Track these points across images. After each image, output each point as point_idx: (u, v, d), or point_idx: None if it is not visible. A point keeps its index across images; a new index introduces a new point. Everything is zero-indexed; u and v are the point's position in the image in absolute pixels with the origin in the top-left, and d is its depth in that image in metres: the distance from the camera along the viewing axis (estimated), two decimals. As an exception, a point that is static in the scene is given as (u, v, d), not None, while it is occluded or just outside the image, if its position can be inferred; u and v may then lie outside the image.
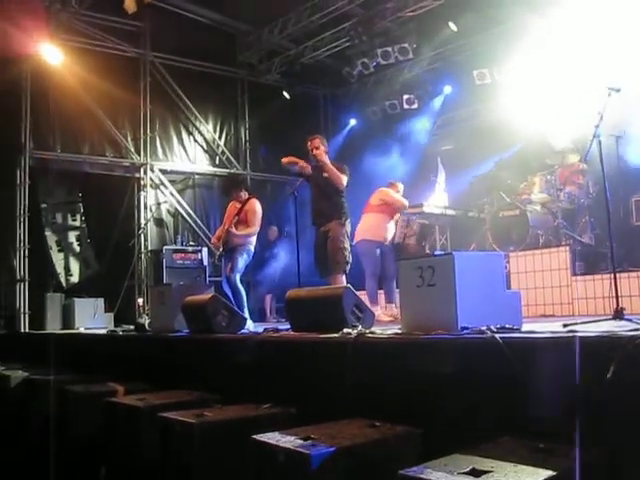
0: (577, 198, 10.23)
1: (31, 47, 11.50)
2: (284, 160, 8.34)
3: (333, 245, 7.86)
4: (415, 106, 14.59)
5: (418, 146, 14.99)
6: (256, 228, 8.59)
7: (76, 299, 11.90)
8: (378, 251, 9.18)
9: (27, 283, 12.00)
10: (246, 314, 7.45)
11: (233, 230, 8.32)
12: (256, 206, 8.64)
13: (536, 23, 10.59)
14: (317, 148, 8.18)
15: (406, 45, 12.90)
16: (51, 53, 11.70)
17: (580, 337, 3.04)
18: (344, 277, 7.84)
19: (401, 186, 9.89)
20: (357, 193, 9.49)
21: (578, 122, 9.59)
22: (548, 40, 10.73)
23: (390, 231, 9.48)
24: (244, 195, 8.79)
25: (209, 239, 14.32)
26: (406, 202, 9.69)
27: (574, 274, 8.55)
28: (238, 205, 8.70)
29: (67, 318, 11.75)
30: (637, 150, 9.38)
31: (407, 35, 12.98)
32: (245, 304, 8.26)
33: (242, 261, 8.41)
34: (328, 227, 7.99)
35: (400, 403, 3.74)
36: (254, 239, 8.68)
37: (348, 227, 8.09)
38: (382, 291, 9.33)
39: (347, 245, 7.95)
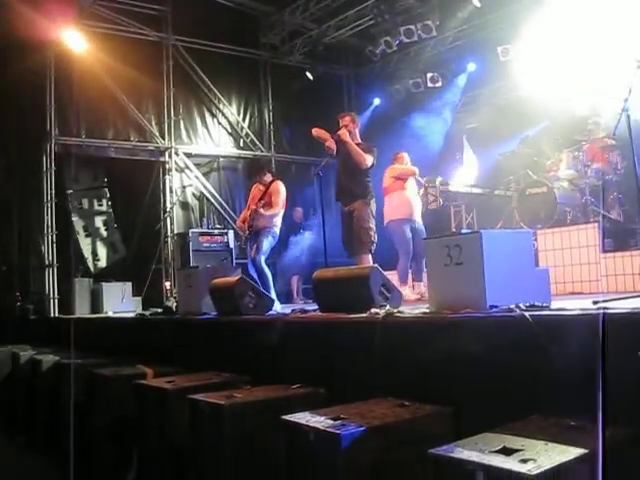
0: (605, 174, 10.10)
1: (54, 33, 11.54)
2: (314, 131, 8.29)
3: (358, 225, 7.83)
4: (439, 84, 14.46)
5: (443, 124, 14.90)
6: (280, 209, 8.58)
7: (104, 283, 11.99)
8: (408, 229, 9.15)
9: (55, 268, 12.11)
10: (273, 296, 7.46)
11: (260, 210, 8.31)
12: (280, 187, 8.63)
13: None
14: (346, 126, 8.12)
15: (429, 22, 12.77)
16: (74, 39, 11.75)
17: (611, 314, 3.00)
18: (370, 257, 7.81)
19: (405, 156, 9.87)
20: (380, 172, 9.46)
21: (607, 96, 9.46)
22: (573, 11, 10.57)
23: (417, 206, 9.45)
24: (268, 178, 8.79)
25: (234, 221, 14.36)
26: (414, 168, 9.72)
27: (603, 251, 8.44)
28: (262, 188, 8.70)
29: (95, 302, 11.85)
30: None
31: (430, 12, 12.84)
32: (272, 286, 8.27)
33: (267, 243, 8.42)
34: (353, 207, 7.94)
35: (430, 382, 3.73)
36: (279, 221, 8.67)
37: (373, 206, 8.03)
38: (411, 270, 9.31)
39: (372, 225, 7.90)
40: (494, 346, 3.43)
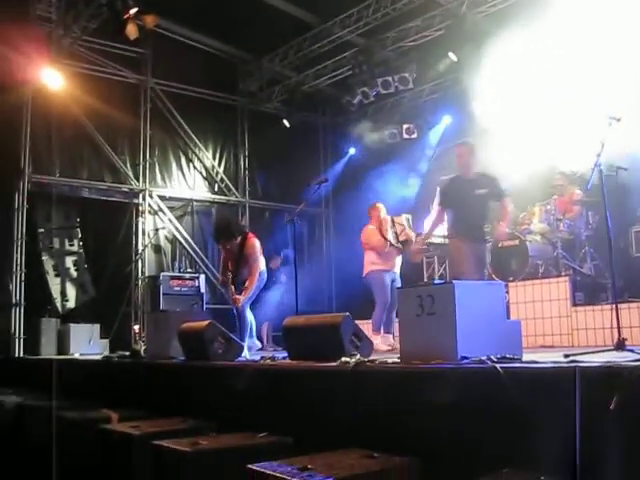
0: (577, 228, 10.20)
1: (33, 72, 11.54)
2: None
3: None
4: (415, 135, 14.60)
5: (418, 176, 15.01)
6: (260, 268, 8.47)
7: (72, 324, 11.82)
8: (389, 280, 9.12)
9: (23, 307, 11.92)
10: (248, 342, 7.46)
11: (241, 299, 8.20)
12: (256, 246, 8.45)
13: (535, 51, 10.61)
14: (460, 157, 8.26)
15: (406, 75, 12.95)
16: (52, 78, 11.73)
17: (582, 367, 2.99)
18: None
19: (379, 207, 9.70)
20: (358, 222, 9.47)
21: (579, 151, 9.59)
22: (546, 67, 10.75)
23: (397, 259, 9.42)
24: (237, 240, 8.56)
25: (206, 266, 14.33)
26: (382, 242, 9.29)
27: (574, 304, 8.49)
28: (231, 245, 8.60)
29: (62, 343, 11.66)
30: (636, 181, 9.35)
31: (407, 65, 13.04)
32: (250, 331, 8.22)
33: (251, 291, 8.36)
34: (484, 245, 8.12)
35: (399, 433, 3.68)
36: (263, 266, 8.60)
37: None
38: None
39: None
40: (464, 398, 3.40)
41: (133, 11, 10.31)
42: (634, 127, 7.89)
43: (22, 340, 11.82)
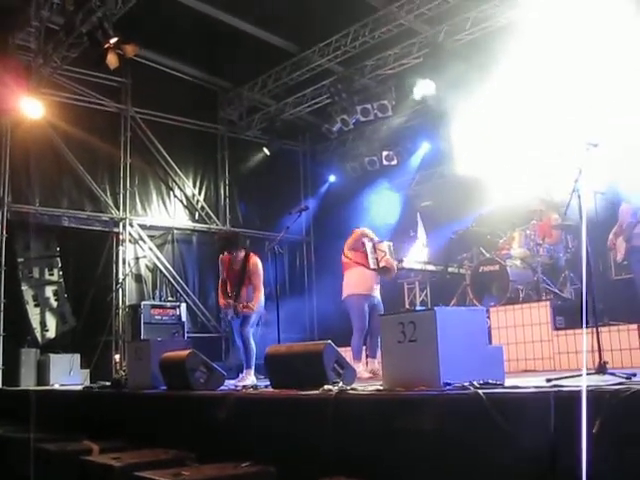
0: (556, 253, 10.28)
1: (12, 102, 11.51)
2: None
3: None
4: (394, 162, 14.67)
5: (397, 202, 15.10)
6: (262, 288, 8.49)
7: (52, 355, 11.72)
8: (367, 305, 9.09)
9: (2, 338, 11.80)
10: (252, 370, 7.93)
11: (250, 305, 8.15)
12: (259, 265, 8.49)
13: (513, 78, 10.73)
14: None
15: (385, 102, 13.06)
16: (32, 107, 11.69)
17: (564, 392, 3.01)
18: None
19: (358, 232, 9.64)
20: (337, 249, 9.47)
21: (557, 177, 9.69)
22: (523, 94, 10.87)
23: (376, 283, 9.37)
24: (242, 253, 8.54)
25: (187, 294, 14.27)
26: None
27: (555, 329, 8.52)
28: (234, 262, 8.52)
29: (42, 374, 11.56)
30: (614, 205, 9.46)
31: (386, 92, 13.14)
32: (253, 358, 8.27)
33: (255, 315, 8.34)
34: None
35: (382, 461, 3.67)
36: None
37: None
38: (365, 346, 9.23)
39: None
40: (448, 424, 3.40)
41: (113, 41, 10.33)
42: (612, 152, 8.03)
43: (1, 371, 11.69)
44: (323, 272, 14.87)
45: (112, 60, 10.54)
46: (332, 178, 16.24)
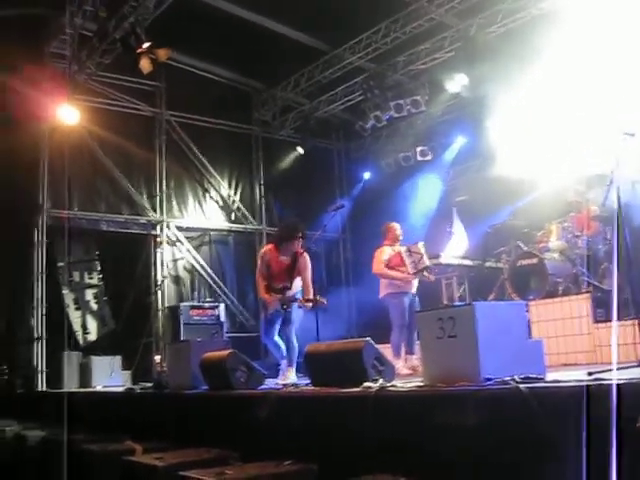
0: (595, 244, 10.14)
1: (49, 109, 11.67)
2: None
3: None
4: (429, 157, 14.60)
5: (433, 197, 15.01)
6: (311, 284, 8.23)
7: (93, 357, 11.84)
8: (407, 301, 9.07)
9: (44, 341, 11.99)
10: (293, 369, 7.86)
11: (305, 304, 7.93)
12: (308, 262, 8.17)
13: (548, 69, 10.63)
14: None
15: (418, 97, 13.00)
16: (69, 114, 11.84)
17: (607, 385, 2.98)
18: None
19: (394, 227, 9.53)
20: (371, 246, 9.47)
21: (595, 168, 9.58)
22: (558, 84, 10.76)
23: (413, 280, 9.36)
24: (295, 247, 8.21)
25: (225, 295, 14.34)
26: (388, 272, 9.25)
27: (595, 321, 8.42)
28: (283, 257, 8.24)
29: (84, 376, 11.67)
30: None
31: (419, 87, 13.10)
32: (295, 358, 8.17)
33: (297, 314, 8.18)
34: None
35: (424, 457, 3.67)
36: None
37: None
38: (403, 342, 9.22)
39: None
40: (490, 419, 3.39)
41: (146, 45, 10.43)
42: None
43: (44, 374, 11.87)
44: (360, 269, 14.80)
45: (145, 65, 10.63)
46: (367, 175, 16.17)
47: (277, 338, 8.27)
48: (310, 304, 7.86)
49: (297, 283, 8.17)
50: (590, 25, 9.87)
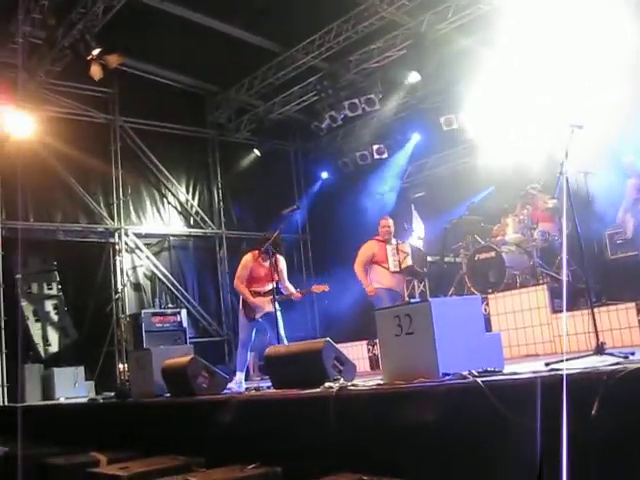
0: (551, 236, 10.28)
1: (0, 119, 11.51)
2: None
3: None
4: (385, 155, 14.69)
5: (391, 195, 15.11)
6: None
7: (55, 369, 11.71)
8: (388, 297, 8.98)
9: (4, 355, 11.79)
10: None
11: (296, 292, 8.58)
12: (285, 265, 8.79)
13: (498, 63, 10.76)
14: None
15: (372, 96, 13.07)
16: (20, 123, 11.69)
17: (562, 375, 3.02)
18: None
19: (384, 221, 9.49)
20: (331, 245, 9.48)
21: (545, 159, 9.72)
22: (509, 78, 10.90)
23: (398, 279, 9.30)
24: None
25: (187, 300, 14.26)
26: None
27: (554, 312, 8.55)
28: (262, 261, 8.55)
29: (47, 389, 11.55)
30: (605, 185, 9.48)
31: (373, 86, 13.18)
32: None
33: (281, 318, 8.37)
34: None
35: (386, 455, 3.69)
36: None
37: None
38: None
39: None
40: (449, 414, 3.42)
41: (96, 52, 10.34)
42: (600, 132, 8.05)
43: (5, 388, 11.68)
44: (321, 269, 14.84)
45: (96, 71, 10.55)
46: (325, 175, 16.24)
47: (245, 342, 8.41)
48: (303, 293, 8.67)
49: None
50: (538, 19, 10.02)
